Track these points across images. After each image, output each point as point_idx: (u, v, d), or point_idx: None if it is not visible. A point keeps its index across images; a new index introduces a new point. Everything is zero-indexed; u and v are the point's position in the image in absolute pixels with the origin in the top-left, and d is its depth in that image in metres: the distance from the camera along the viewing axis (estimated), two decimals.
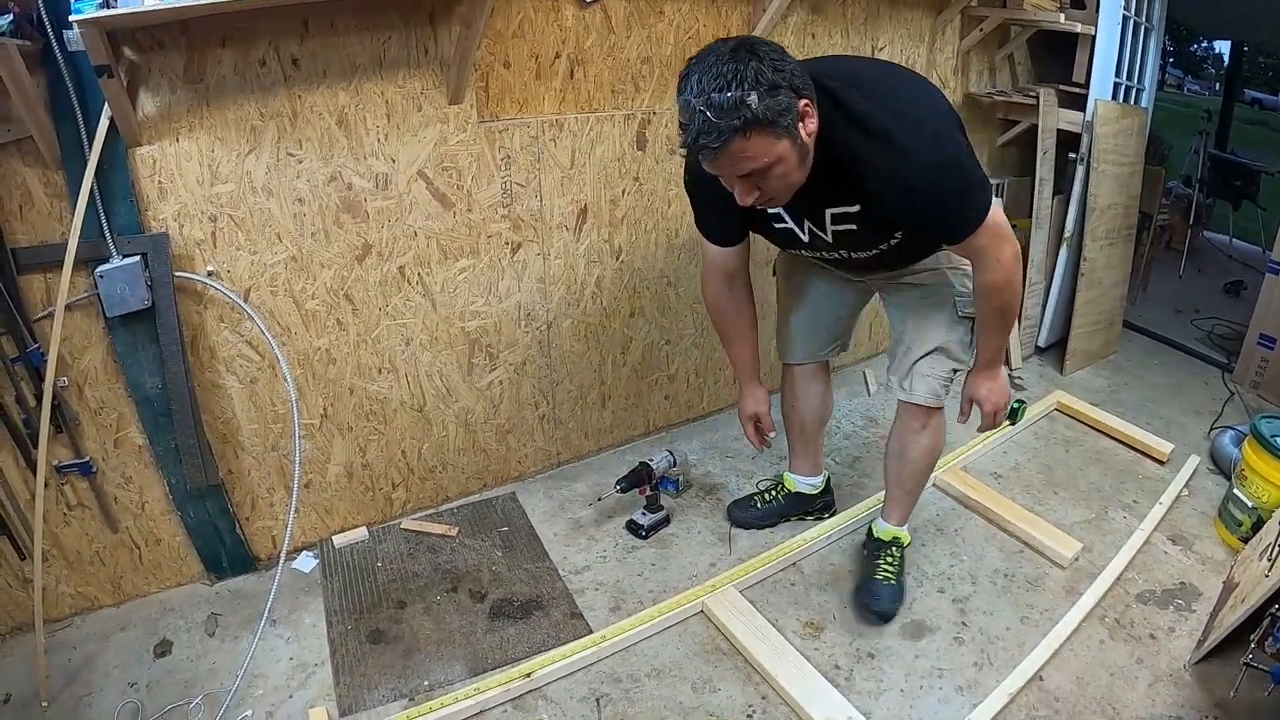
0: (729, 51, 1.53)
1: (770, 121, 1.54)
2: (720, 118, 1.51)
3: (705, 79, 1.51)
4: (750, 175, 1.64)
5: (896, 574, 2.43)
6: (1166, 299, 5.11)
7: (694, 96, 1.52)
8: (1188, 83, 14.86)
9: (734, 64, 1.51)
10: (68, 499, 2.20)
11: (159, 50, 1.93)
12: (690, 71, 1.55)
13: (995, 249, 1.86)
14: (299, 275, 2.29)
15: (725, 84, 1.50)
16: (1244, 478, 2.72)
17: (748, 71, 1.50)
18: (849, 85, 1.71)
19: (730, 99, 1.50)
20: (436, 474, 2.80)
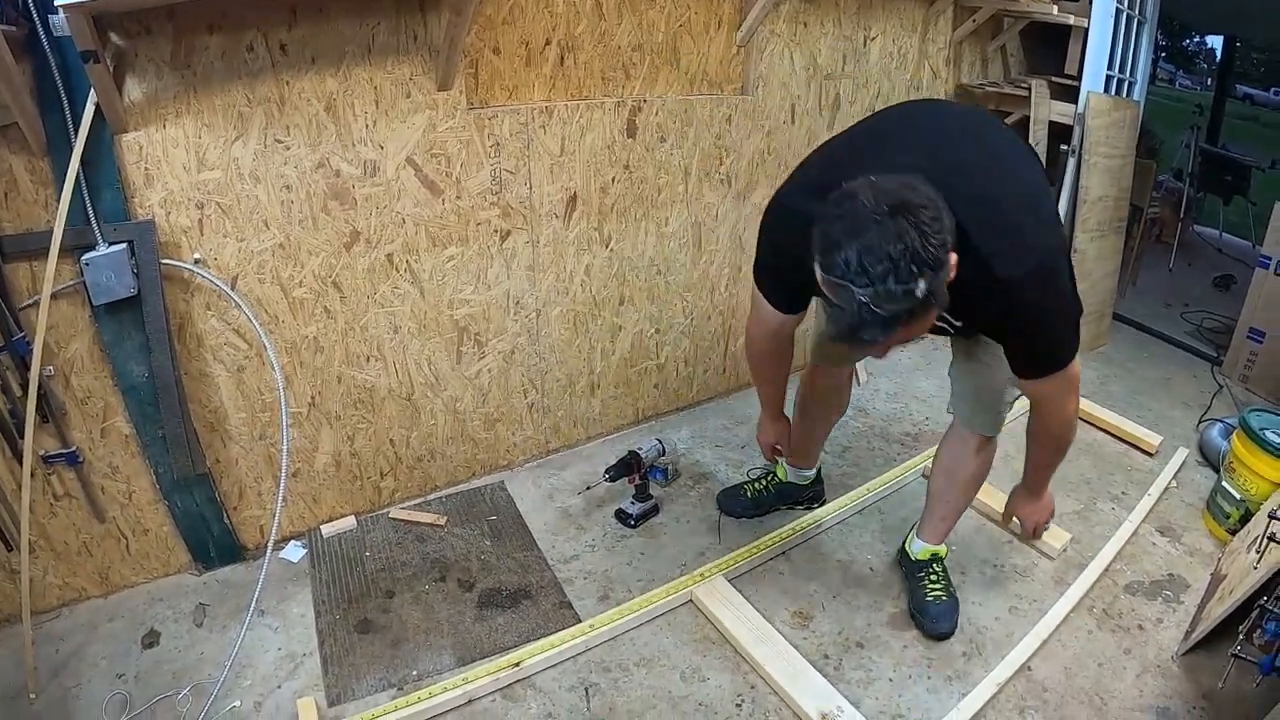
0: (887, 218, 1.31)
1: (932, 303, 1.38)
2: (883, 310, 1.33)
3: (866, 260, 1.30)
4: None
5: (945, 588, 2.38)
6: (1156, 292, 5.13)
7: (854, 283, 1.32)
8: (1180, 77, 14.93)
9: (897, 240, 1.30)
10: (54, 489, 2.18)
11: (146, 35, 1.91)
12: (838, 244, 1.34)
13: (1062, 398, 1.85)
14: (287, 263, 2.28)
15: (890, 269, 1.30)
16: (1232, 470, 2.73)
17: (914, 250, 1.30)
18: (979, 220, 1.49)
19: (897, 290, 1.31)
20: (425, 463, 2.80)
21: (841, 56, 3.26)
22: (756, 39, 2.94)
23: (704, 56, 2.88)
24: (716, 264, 3.23)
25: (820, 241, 1.38)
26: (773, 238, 1.86)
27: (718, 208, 3.13)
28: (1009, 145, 1.79)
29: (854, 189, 1.38)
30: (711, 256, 3.20)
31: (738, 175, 3.13)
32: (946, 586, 2.39)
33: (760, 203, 3.16)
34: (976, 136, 1.76)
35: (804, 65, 3.15)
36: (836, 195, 1.40)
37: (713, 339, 3.39)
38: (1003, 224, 1.54)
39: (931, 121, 1.83)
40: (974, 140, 1.74)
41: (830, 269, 1.36)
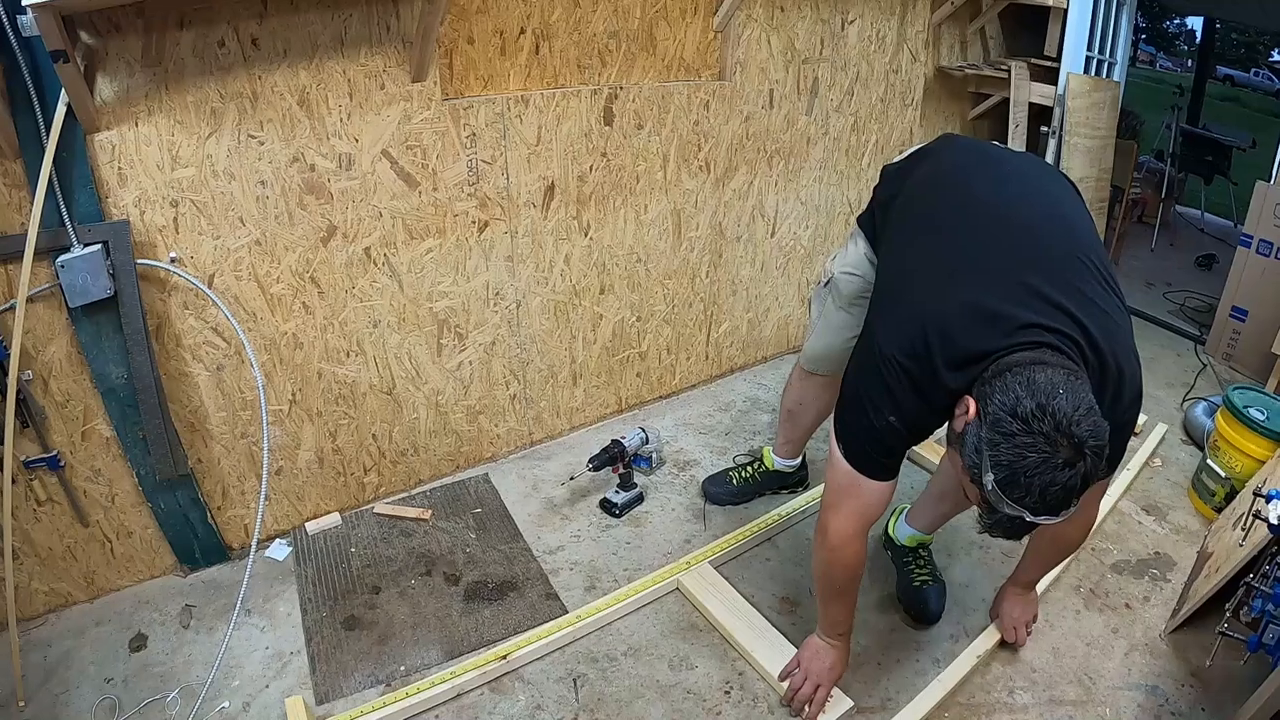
0: (1076, 458, 1.33)
1: None
2: (1043, 520, 1.39)
3: (1050, 495, 1.34)
4: None
5: (931, 573, 2.39)
6: (1139, 272, 5.15)
7: (1031, 510, 1.37)
8: (1160, 59, 14.97)
9: (1079, 476, 1.33)
10: (37, 494, 2.16)
11: (116, 33, 1.89)
12: (1026, 468, 1.34)
13: (1090, 508, 1.89)
14: (263, 259, 2.26)
15: (1061, 502, 1.35)
16: (1217, 448, 2.75)
17: (1086, 482, 1.35)
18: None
19: (1058, 516, 1.38)
20: (408, 457, 2.79)
21: (819, 41, 3.25)
22: (733, 24, 2.92)
23: (680, 42, 2.87)
24: (697, 251, 3.23)
25: (1003, 455, 1.36)
26: (906, 415, 1.60)
27: (697, 194, 3.12)
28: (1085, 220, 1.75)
29: (1044, 393, 1.34)
30: (691, 243, 3.20)
31: (716, 161, 3.12)
32: (933, 571, 2.40)
33: (740, 189, 3.19)
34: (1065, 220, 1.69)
35: (782, 50, 3.14)
36: (1027, 386, 1.36)
37: (694, 326, 3.39)
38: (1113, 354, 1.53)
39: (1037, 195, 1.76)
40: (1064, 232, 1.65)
41: (1009, 490, 1.36)
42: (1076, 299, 1.50)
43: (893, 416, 1.59)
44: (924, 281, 1.63)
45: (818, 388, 2.42)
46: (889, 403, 1.58)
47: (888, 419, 1.59)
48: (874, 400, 1.60)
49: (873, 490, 1.71)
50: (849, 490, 1.73)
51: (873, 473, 1.69)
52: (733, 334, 3.54)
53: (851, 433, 1.69)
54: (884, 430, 1.61)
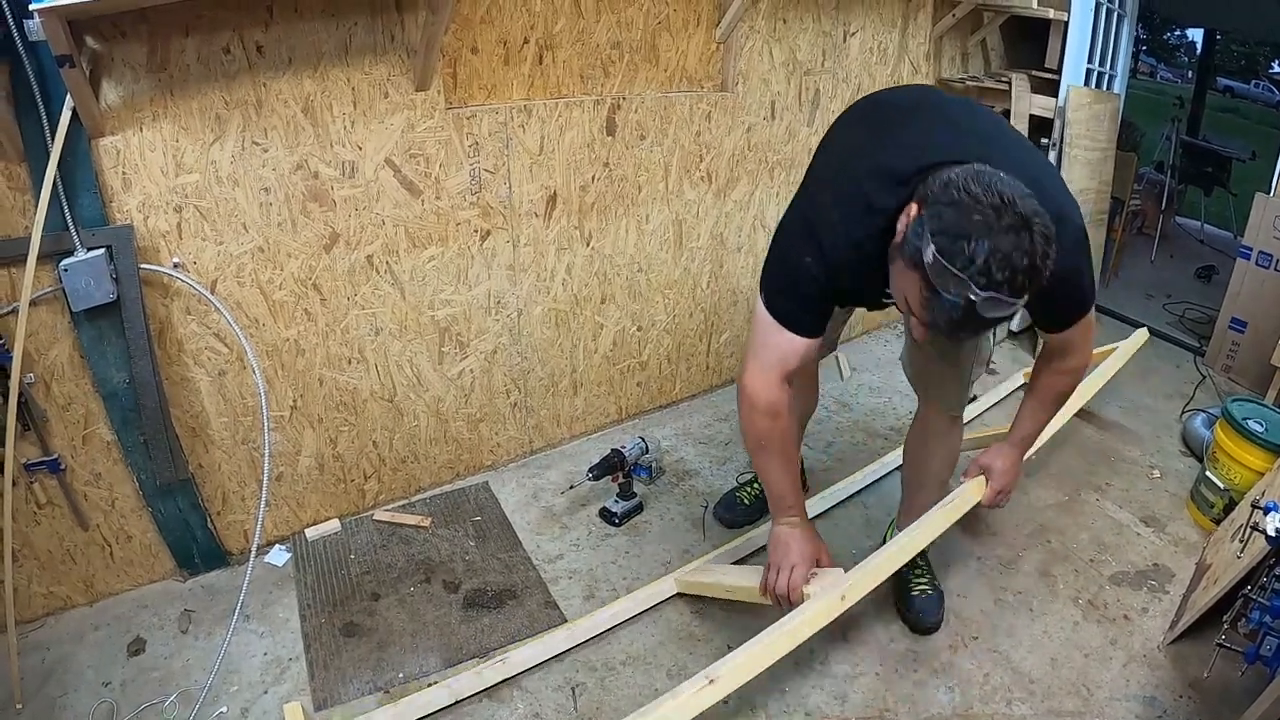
0: (1020, 227, 1.31)
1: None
2: (990, 314, 1.35)
3: (995, 262, 1.31)
4: None
5: (930, 582, 2.38)
6: (1139, 284, 5.15)
7: (974, 281, 1.32)
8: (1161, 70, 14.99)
9: (1025, 256, 1.31)
10: (37, 498, 2.17)
11: (121, 39, 1.91)
12: (972, 232, 1.32)
13: (1087, 338, 1.86)
14: (266, 265, 2.27)
15: (1008, 280, 1.32)
16: (1216, 460, 2.75)
17: (1034, 267, 1.33)
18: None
19: (1007, 302, 1.34)
20: (408, 464, 2.79)
21: (821, 52, 3.27)
22: (736, 35, 2.94)
23: (683, 53, 2.88)
24: (698, 261, 3.23)
25: (946, 222, 1.35)
26: (820, 260, 1.63)
27: (698, 205, 3.13)
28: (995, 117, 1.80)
29: (987, 177, 1.36)
30: (693, 254, 3.21)
31: (718, 172, 3.13)
32: (932, 580, 2.40)
33: (741, 199, 3.19)
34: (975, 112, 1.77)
35: (783, 61, 3.15)
36: (967, 173, 1.37)
37: (695, 336, 3.40)
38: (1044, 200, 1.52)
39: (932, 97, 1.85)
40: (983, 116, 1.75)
41: (952, 258, 1.33)
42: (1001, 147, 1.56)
43: (809, 257, 1.63)
44: (851, 143, 1.75)
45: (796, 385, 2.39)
46: (809, 245, 1.63)
47: (804, 259, 1.63)
48: (794, 243, 1.67)
49: (788, 341, 1.73)
50: (764, 340, 1.76)
51: (787, 321, 1.72)
52: (733, 344, 3.54)
53: (771, 280, 1.74)
54: (800, 273, 1.65)
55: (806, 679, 2.16)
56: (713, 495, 2.85)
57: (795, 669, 2.18)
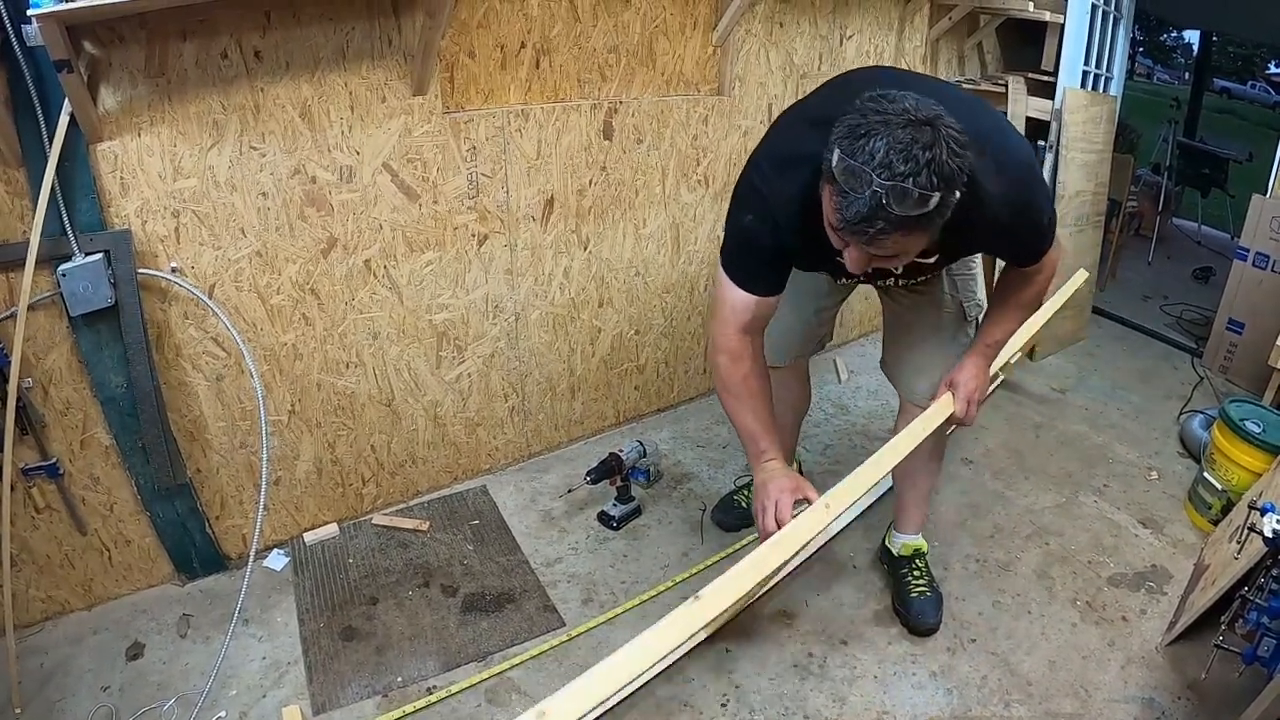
0: (923, 125, 1.33)
1: (936, 221, 1.40)
2: (897, 209, 1.33)
3: (893, 156, 1.31)
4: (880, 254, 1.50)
5: (929, 583, 2.39)
6: (1136, 285, 5.16)
7: (873, 172, 1.32)
8: (1158, 71, 15.03)
9: (928, 148, 1.31)
10: (35, 502, 2.17)
11: (119, 44, 1.91)
12: (871, 133, 1.33)
13: (1054, 262, 1.90)
14: (264, 270, 2.27)
15: (915, 170, 1.31)
16: (1213, 461, 2.76)
17: (939, 162, 1.32)
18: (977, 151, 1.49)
19: (915, 193, 1.32)
20: (406, 468, 2.79)
21: (818, 55, 3.27)
22: (732, 39, 2.95)
23: (680, 57, 2.89)
24: (695, 264, 3.24)
25: (848, 129, 1.37)
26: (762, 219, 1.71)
27: (695, 208, 3.13)
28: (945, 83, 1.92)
29: (893, 95, 1.38)
30: (690, 257, 3.21)
31: (715, 176, 3.13)
32: (930, 582, 2.40)
33: None
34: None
35: (780, 65, 3.16)
36: (872, 95, 1.39)
37: (692, 339, 3.40)
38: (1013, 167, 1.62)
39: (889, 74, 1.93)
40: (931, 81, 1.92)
41: (853, 154, 1.34)
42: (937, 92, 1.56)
43: (750, 215, 1.72)
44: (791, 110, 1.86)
45: (783, 382, 2.40)
46: (752, 204, 1.72)
47: (746, 218, 1.73)
48: (739, 205, 1.76)
49: (741, 298, 1.80)
50: (722, 296, 1.85)
51: (738, 279, 1.80)
52: None
53: (726, 242, 1.82)
54: (746, 233, 1.75)
55: (805, 682, 2.16)
56: (710, 498, 2.84)
57: (794, 671, 2.18)
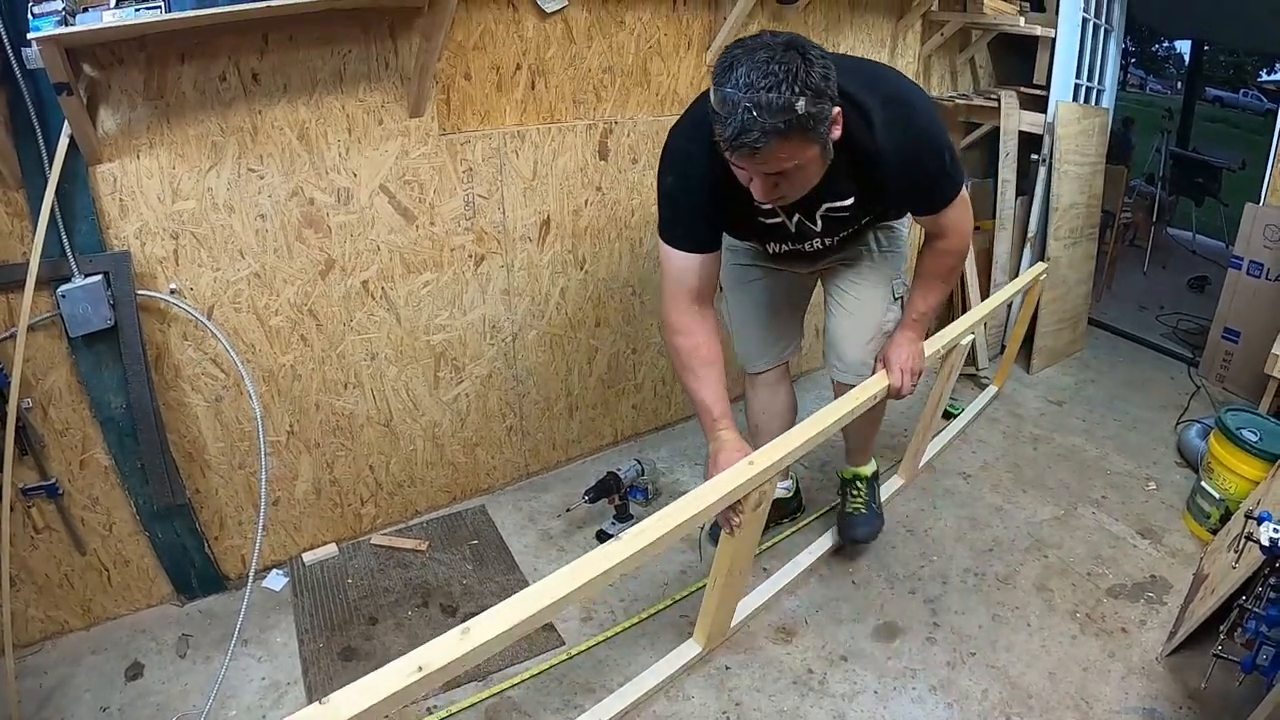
0: (779, 48, 1.50)
1: (810, 127, 1.55)
2: (766, 117, 1.49)
3: (754, 74, 1.48)
4: (774, 174, 1.65)
5: (866, 503, 2.63)
6: (1131, 296, 5.18)
7: (740, 91, 1.49)
8: (1150, 82, 15.06)
9: (784, 64, 1.48)
10: (35, 522, 2.17)
11: (119, 67, 1.93)
12: (735, 62, 1.51)
13: (963, 218, 2.04)
14: (262, 291, 2.28)
15: (775, 83, 1.48)
16: (1211, 470, 2.77)
17: (797, 73, 1.49)
18: (862, 85, 1.74)
19: (778, 100, 1.48)
20: (405, 488, 2.79)
21: None
22: None
23: (674, 77, 2.90)
24: None
25: (719, 67, 1.55)
26: (681, 178, 1.89)
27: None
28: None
29: (760, 34, 1.59)
30: None
31: None
32: (868, 501, 2.63)
33: None
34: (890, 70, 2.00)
35: None
36: (741, 39, 1.59)
37: None
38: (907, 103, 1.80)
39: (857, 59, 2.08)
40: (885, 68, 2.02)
41: (723, 84, 1.52)
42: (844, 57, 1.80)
43: (670, 177, 1.90)
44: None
45: (769, 388, 2.53)
46: (670, 170, 1.90)
47: (667, 181, 1.91)
48: (662, 174, 1.93)
49: (681, 260, 1.95)
50: (666, 269, 2.00)
51: (673, 240, 1.95)
52: (727, 365, 3.53)
53: (659, 211, 1.97)
54: (671, 196, 1.92)
55: (805, 698, 2.15)
56: None
57: (794, 687, 2.18)
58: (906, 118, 1.78)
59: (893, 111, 1.75)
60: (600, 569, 1.55)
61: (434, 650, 1.35)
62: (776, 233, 2.07)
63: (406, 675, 1.31)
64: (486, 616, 1.42)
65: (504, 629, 1.41)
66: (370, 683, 1.29)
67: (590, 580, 1.53)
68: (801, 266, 2.31)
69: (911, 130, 1.79)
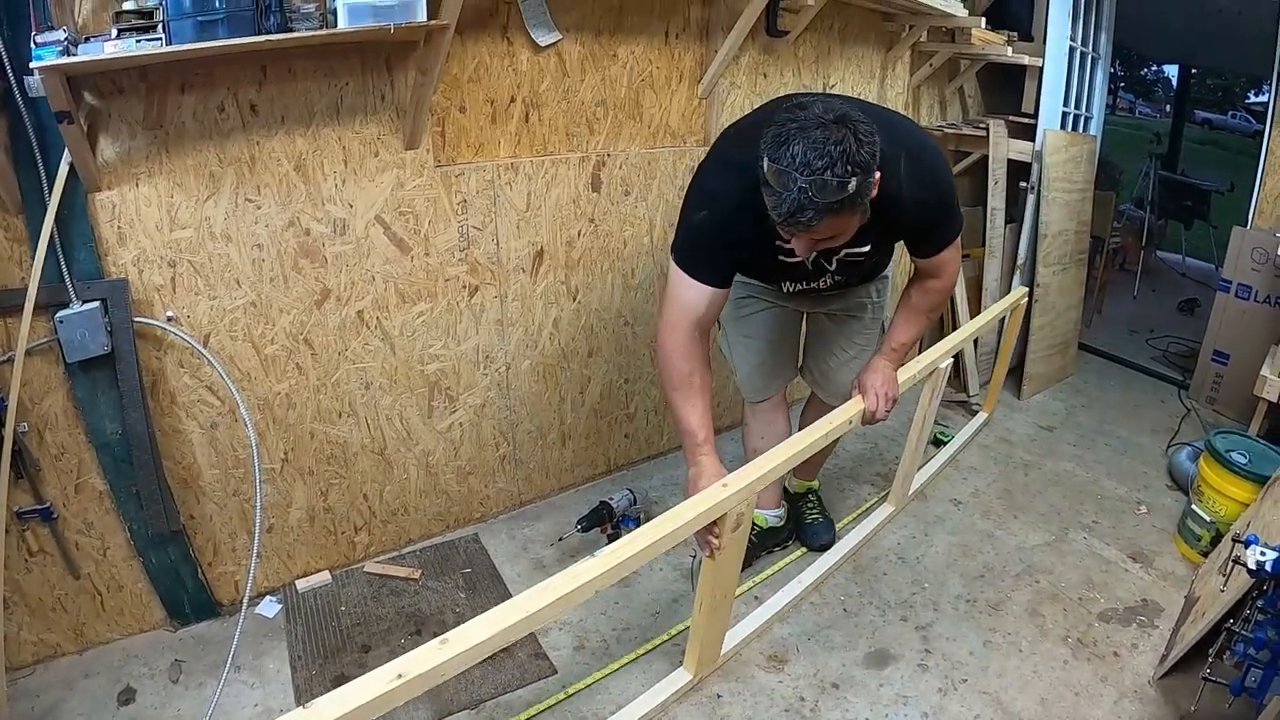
0: (831, 123, 1.58)
1: (859, 203, 1.65)
2: (820, 197, 1.57)
3: (810, 154, 1.56)
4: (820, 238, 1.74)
5: (820, 511, 2.88)
6: (1122, 320, 5.21)
7: (797, 170, 1.56)
8: (1140, 106, 15.20)
9: (839, 144, 1.56)
10: (29, 545, 2.17)
11: (119, 96, 1.95)
12: (789, 137, 1.58)
13: (954, 260, 2.16)
14: (258, 320, 2.30)
15: (829, 164, 1.56)
16: (1201, 493, 2.79)
17: (850, 154, 1.57)
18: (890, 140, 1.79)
19: (833, 182, 1.56)
20: (398, 516, 2.79)
21: None
22: (718, 91, 3.01)
23: (666, 109, 2.94)
24: None
25: (772, 139, 1.61)
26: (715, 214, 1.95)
27: None
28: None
29: (806, 102, 1.65)
30: None
31: None
32: (821, 510, 2.89)
33: None
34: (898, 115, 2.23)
35: None
36: (789, 105, 1.65)
37: None
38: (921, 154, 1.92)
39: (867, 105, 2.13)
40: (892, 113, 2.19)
41: (778, 160, 1.59)
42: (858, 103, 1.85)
43: (703, 212, 1.96)
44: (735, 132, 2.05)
45: (766, 415, 2.59)
46: (700, 204, 1.97)
47: (698, 215, 1.97)
48: (689, 206, 2.01)
49: (694, 290, 2.00)
50: (673, 294, 2.04)
51: (691, 268, 1.99)
52: (720, 394, 3.54)
53: (678, 236, 2.04)
54: (696, 229, 1.98)
55: None
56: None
57: (786, 715, 2.18)
58: (929, 167, 1.92)
59: (917, 162, 1.88)
60: (574, 585, 1.61)
61: (413, 659, 1.42)
62: (793, 272, 2.15)
63: (387, 682, 1.36)
64: (464, 628, 1.49)
65: (480, 640, 1.48)
66: (352, 689, 1.34)
67: (564, 595, 1.59)
68: (806, 304, 2.44)
69: (931, 179, 1.92)
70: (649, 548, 1.73)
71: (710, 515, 1.85)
